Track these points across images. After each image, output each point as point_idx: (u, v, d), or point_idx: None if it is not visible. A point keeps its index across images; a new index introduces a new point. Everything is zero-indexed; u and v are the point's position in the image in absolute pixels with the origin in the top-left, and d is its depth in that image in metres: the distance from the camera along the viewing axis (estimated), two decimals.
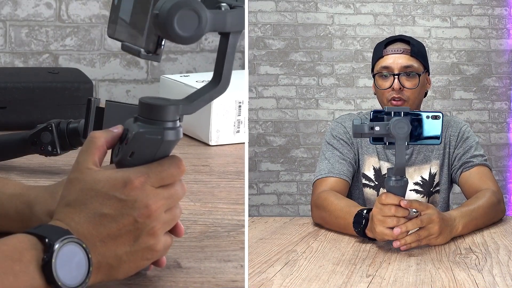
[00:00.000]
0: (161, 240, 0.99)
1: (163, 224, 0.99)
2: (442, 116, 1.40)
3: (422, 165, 1.77)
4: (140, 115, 0.99)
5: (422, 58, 1.75)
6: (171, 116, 0.99)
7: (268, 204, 3.04)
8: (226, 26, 1.00)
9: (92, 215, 0.96)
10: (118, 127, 1.01)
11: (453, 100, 3.04)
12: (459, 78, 3.04)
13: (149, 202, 0.97)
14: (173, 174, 0.99)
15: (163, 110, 0.98)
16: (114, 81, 2.32)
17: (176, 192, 1.00)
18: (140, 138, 0.98)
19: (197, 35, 0.97)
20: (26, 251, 0.90)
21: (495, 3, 3.03)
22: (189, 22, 0.96)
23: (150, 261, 1.00)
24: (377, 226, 1.36)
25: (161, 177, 0.98)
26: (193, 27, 0.96)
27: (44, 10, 2.23)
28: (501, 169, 3.01)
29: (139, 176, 0.97)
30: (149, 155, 0.99)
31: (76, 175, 0.98)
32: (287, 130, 3.05)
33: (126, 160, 0.99)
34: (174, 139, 0.99)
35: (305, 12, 3.04)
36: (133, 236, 0.97)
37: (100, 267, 0.96)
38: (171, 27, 0.95)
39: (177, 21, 0.95)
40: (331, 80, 3.05)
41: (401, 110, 1.38)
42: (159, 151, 0.99)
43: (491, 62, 3.03)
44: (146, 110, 0.99)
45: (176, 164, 1.00)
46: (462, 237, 1.47)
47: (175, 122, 1.00)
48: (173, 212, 1.00)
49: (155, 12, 0.95)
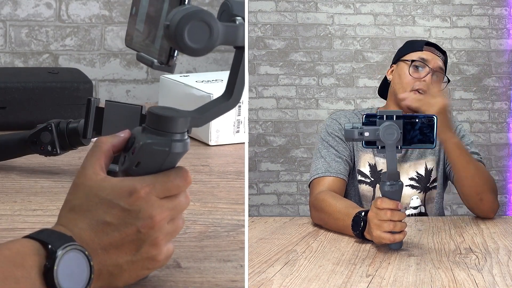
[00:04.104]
0: (163, 251, 0.99)
1: (166, 235, 0.99)
2: (436, 119, 1.40)
3: (418, 160, 1.78)
4: (149, 125, 0.98)
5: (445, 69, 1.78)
6: (180, 128, 0.98)
7: (268, 204, 3.04)
8: (238, 40, 0.99)
9: (95, 222, 0.96)
10: (125, 131, 1.01)
11: (453, 100, 3.04)
12: (459, 78, 3.04)
13: (153, 213, 0.96)
14: (179, 186, 0.99)
15: (172, 121, 0.98)
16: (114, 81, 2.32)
17: (180, 203, 1.00)
18: (147, 149, 0.98)
19: (208, 47, 0.96)
20: (28, 257, 0.90)
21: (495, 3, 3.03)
22: (200, 33, 0.95)
23: (151, 270, 1.00)
24: (374, 230, 1.36)
25: (166, 187, 0.98)
26: (204, 39, 0.95)
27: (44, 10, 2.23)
28: (501, 169, 3.01)
29: (145, 186, 0.96)
30: (155, 166, 0.99)
31: (82, 180, 0.98)
32: (287, 130, 3.05)
33: (132, 170, 0.98)
34: (181, 151, 0.99)
35: (305, 12, 3.05)
36: (135, 246, 0.97)
37: (100, 275, 0.96)
38: (182, 38, 0.94)
39: (188, 33, 0.94)
40: (331, 80, 3.05)
41: (394, 114, 1.37)
42: (165, 163, 0.99)
43: (491, 62, 3.04)
44: (154, 120, 0.98)
45: (183, 175, 1.00)
46: (462, 237, 1.47)
47: (183, 134, 0.99)
48: (176, 222, 1.00)
49: (166, 23, 0.94)
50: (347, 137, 1.36)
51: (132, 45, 1.05)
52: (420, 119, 1.39)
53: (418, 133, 1.39)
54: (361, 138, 1.34)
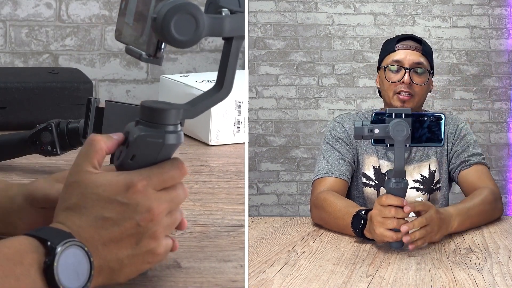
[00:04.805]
0: (162, 244, 0.99)
1: (165, 227, 0.99)
2: (444, 117, 1.40)
3: (421, 162, 1.78)
4: (142, 119, 0.99)
5: (430, 58, 1.77)
6: (173, 120, 0.99)
7: (268, 204, 3.04)
8: (225, 31, 1.00)
9: (93, 218, 0.95)
10: (119, 134, 1.01)
11: (453, 100, 3.04)
12: (459, 78, 3.04)
13: (151, 205, 0.97)
14: (174, 176, 0.99)
15: (165, 113, 0.99)
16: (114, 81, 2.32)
17: (177, 195, 1.00)
18: (141, 141, 0.98)
19: (194, 39, 0.98)
20: (27, 254, 0.90)
21: (495, 3, 3.03)
22: (186, 26, 0.97)
23: (151, 264, 1.00)
24: (377, 228, 1.35)
25: (162, 179, 0.98)
26: (191, 31, 0.97)
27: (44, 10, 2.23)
28: (501, 169, 3.01)
29: (141, 179, 0.97)
30: (150, 159, 0.99)
31: (75, 178, 0.98)
32: (287, 130, 3.05)
33: (127, 163, 0.99)
34: (175, 142, 0.99)
35: (305, 12, 3.04)
36: (135, 239, 0.97)
37: (101, 271, 0.95)
38: (168, 30, 0.96)
39: (174, 25, 0.96)
40: (331, 80, 3.05)
41: (403, 112, 1.37)
42: (160, 155, 0.99)
43: (491, 62, 3.03)
44: (147, 113, 0.99)
45: (177, 166, 1.00)
46: (462, 237, 1.47)
47: (176, 126, 1.00)
48: (174, 215, 1.01)
49: (153, 16, 0.96)
50: (356, 134, 1.36)
51: (122, 39, 1.07)
52: (429, 117, 1.39)
53: (427, 131, 1.39)
54: (371, 135, 1.35)
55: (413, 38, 1.79)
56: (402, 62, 1.74)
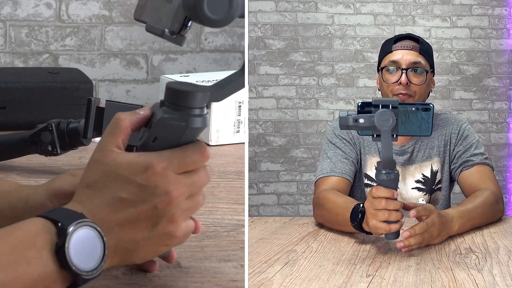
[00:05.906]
0: (181, 227, 0.97)
1: (184, 211, 0.97)
2: (432, 107, 1.39)
3: (423, 162, 1.77)
4: (166, 100, 0.97)
5: (429, 57, 1.76)
6: (198, 103, 0.96)
7: (268, 204, 3.04)
8: None
9: (111, 198, 0.94)
10: (145, 109, 1.00)
11: (453, 100, 3.04)
12: (459, 78, 3.04)
13: (170, 188, 0.95)
14: (196, 161, 0.98)
15: (190, 96, 0.96)
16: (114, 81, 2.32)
17: (199, 179, 0.98)
18: (164, 124, 0.96)
19: (227, 19, 0.94)
20: (39, 236, 0.89)
21: (495, 3, 3.03)
22: (219, 4, 0.93)
23: (169, 246, 0.99)
24: (370, 220, 1.35)
25: (183, 163, 0.97)
26: (224, 9, 0.93)
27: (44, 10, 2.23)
28: (501, 169, 3.01)
29: (161, 161, 0.95)
30: (173, 141, 0.97)
31: (98, 156, 0.97)
32: (287, 130, 3.05)
33: (149, 145, 0.97)
34: (199, 126, 0.97)
35: (305, 12, 3.05)
36: (151, 222, 0.95)
37: (116, 251, 0.94)
38: (201, 8, 0.92)
39: (207, 3, 0.92)
40: (331, 80, 3.05)
41: (390, 103, 1.36)
42: (182, 138, 0.97)
43: (491, 62, 3.04)
44: (172, 95, 0.97)
45: (200, 150, 0.98)
46: (462, 237, 1.47)
47: (202, 109, 0.97)
48: (195, 199, 0.99)
49: None
50: (342, 124, 1.34)
51: (142, 17, 1.03)
52: (417, 107, 1.38)
53: (415, 121, 1.38)
54: (356, 125, 1.33)
55: (411, 37, 1.78)
56: (399, 63, 1.74)
